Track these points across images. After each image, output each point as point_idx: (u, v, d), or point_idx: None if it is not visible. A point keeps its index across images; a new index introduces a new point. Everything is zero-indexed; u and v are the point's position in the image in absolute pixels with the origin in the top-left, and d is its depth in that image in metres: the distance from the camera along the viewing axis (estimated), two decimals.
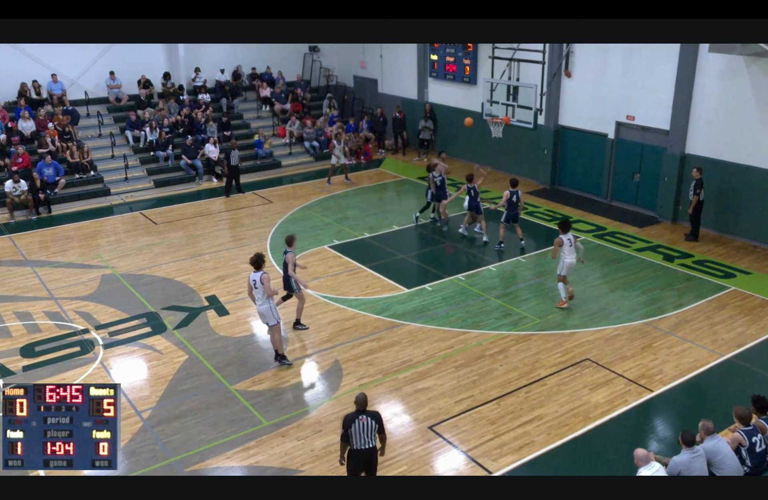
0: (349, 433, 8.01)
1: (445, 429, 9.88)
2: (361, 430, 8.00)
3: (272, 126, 24.54)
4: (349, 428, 8.01)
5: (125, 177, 21.05)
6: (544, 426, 9.89)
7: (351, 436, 8.01)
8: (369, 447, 8.08)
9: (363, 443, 8.04)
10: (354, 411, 8.12)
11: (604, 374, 11.12)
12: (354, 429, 7.99)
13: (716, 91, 16.15)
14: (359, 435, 8.00)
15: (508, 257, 15.77)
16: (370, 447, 8.09)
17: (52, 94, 22.22)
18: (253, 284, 11.01)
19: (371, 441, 8.08)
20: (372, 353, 11.80)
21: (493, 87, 17.45)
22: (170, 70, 24.36)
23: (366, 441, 8.05)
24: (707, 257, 15.57)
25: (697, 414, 10.15)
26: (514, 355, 11.71)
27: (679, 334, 12.33)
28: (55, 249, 16.67)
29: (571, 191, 20.23)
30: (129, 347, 12.14)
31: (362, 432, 8.01)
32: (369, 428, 8.01)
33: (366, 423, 7.99)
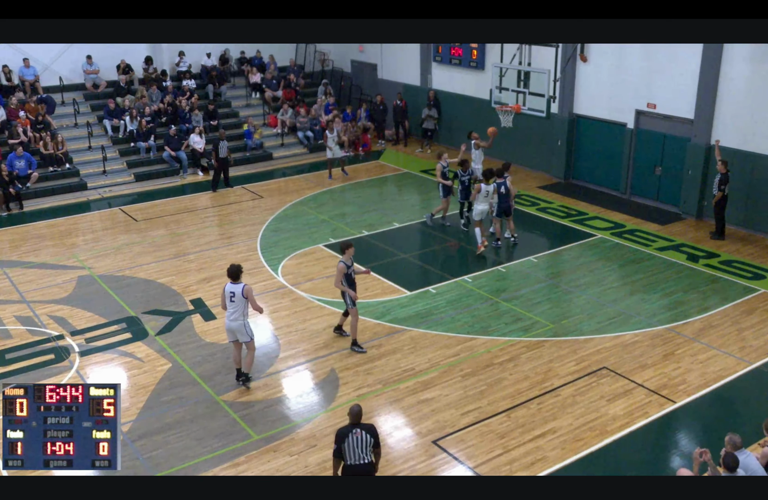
0: (343, 448, 8.00)
1: (450, 443, 9.88)
2: (356, 445, 7.98)
3: (263, 115, 24.56)
4: (342, 443, 7.99)
5: (103, 170, 21.06)
6: (558, 440, 9.89)
7: (344, 451, 8.00)
8: (364, 462, 8.05)
9: (357, 458, 8.01)
10: (348, 425, 8.12)
11: (622, 384, 11.13)
12: (347, 443, 7.98)
13: (744, 76, 16.14)
14: (353, 450, 7.99)
15: (518, 257, 15.78)
16: (365, 463, 8.06)
17: (24, 80, 22.24)
18: (230, 296, 10.65)
19: (366, 457, 8.05)
20: (371, 361, 11.80)
21: (502, 72, 17.45)
22: (152, 54, 24.37)
23: (360, 456, 8.01)
24: (735, 257, 15.58)
25: (724, 426, 10.14)
26: (525, 363, 11.71)
27: (704, 340, 12.33)
28: (27, 248, 16.68)
29: (587, 186, 20.24)
30: (107, 355, 12.14)
31: (356, 447, 7.99)
32: (364, 442, 7.99)
33: (360, 437, 7.98)
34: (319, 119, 24.26)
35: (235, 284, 10.66)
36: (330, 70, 27.34)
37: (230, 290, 10.66)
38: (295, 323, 13.03)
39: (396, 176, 21.79)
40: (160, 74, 24.12)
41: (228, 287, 10.70)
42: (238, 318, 10.71)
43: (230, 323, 10.78)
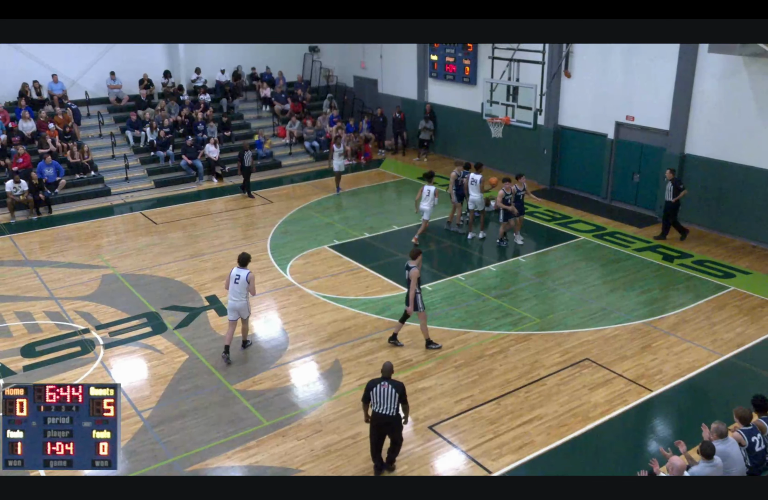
0: (370, 395, 8.59)
1: (445, 428, 9.88)
2: (381, 395, 8.52)
3: (272, 126, 24.55)
4: (370, 390, 8.59)
5: (126, 177, 21.05)
6: (544, 425, 9.89)
7: (372, 398, 8.60)
8: (389, 413, 8.56)
9: (383, 408, 8.55)
10: (379, 377, 8.67)
11: (603, 374, 11.12)
12: (374, 392, 8.56)
13: (716, 91, 16.15)
14: (379, 400, 8.55)
15: (508, 257, 15.77)
16: (390, 414, 8.56)
17: (53, 94, 22.21)
18: (235, 279, 11.13)
19: (392, 409, 8.54)
20: (372, 353, 11.80)
21: (492, 87, 17.45)
22: (170, 69, 24.35)
23: (386, 407, 8.53)
24: (706, 257, 15.57)
25: (697, 413, 10.17)
26: (513, 355, 11.70)
27: (679, 334, 12.32)
28: (56, 249, 16.67)
29: (571, 191, 20.23)
30: (129, 347, 12.14)
31: (381, 398, 8.52)
32: (389, 395, 8.49)
33: (386, 390, 8.50)
34: (325, 130, 24.26)
35: (241, 269, 11.17)
36: (334, 85, 27.35)
37: (236, 274, 11.16)
38: (302, 318, 13.03)
39: (395, 183, 21.78)
40: (177, 89, 24.11)
41: (235, 270, 11.17)
42: (241, 299, 11.23)
43: (234, 304, 11.28)
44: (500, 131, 17.46)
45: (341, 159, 20.41)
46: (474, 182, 16.33)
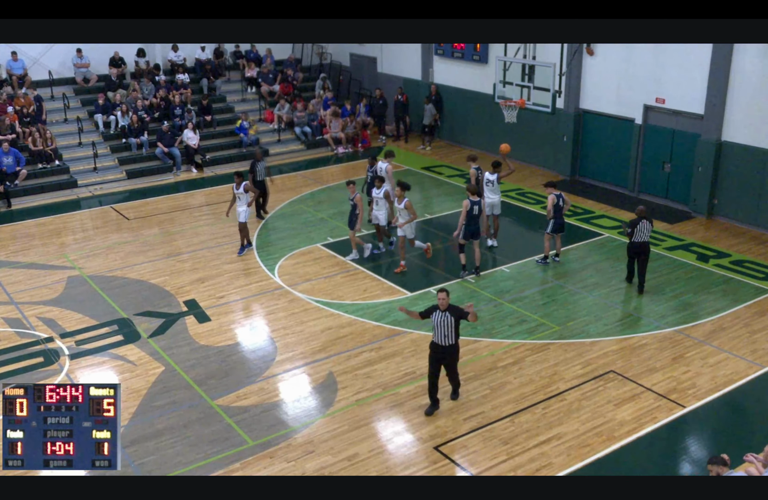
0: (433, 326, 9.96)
1: (452, 449, 9.89)
2: (440, 323, 9.83)
3: (259, 110, 24.57)
4: (431, 314, 9.94)
5: (94, 167, 21.07)
6: (564, 446, 9.90)
7: (434, 328, 9.94)
8: (447, 343, 9.91)
9: (442, 338, 9.89)
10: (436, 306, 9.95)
11: (630, 388, 11.14)
12: (434, 317, 9.88)
13: (757, 71, 16.15)
14: (438, 329, 9.87)
15: (522, 257, 15.76)
16: (447, 345, 9.92)
17: (12, 74, 22.23)
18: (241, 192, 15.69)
19: (450, 339, 9.87)
20: (370, 365, 11.81)
21: (506, 66, 17.48)
22: (145, 47, 24.36)
23: (445, 336, 9.86)
24: (746, 257, 15.59)
25: (735, 432, 10.18)
26: (529, 367, 11.71)
27: (715, 343, 12.34)
28: (15, 248, 16.68)
29: (594, 183, 20.26)
30: (98, 358, 12.14)
31: (440, 326, 9.84)
32: (448, 324, 9.80)
33: (447, 319, 9.79)
34: (318, 114, 24.27)
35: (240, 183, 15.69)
36: (328, 64, 27.36)
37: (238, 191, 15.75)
38: (292, 325, 13.04)
39: (397, 174, 21.72)
40: (152, 68, 24.11)
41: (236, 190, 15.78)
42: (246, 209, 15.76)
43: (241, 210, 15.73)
44: (514, 116, 17.48)
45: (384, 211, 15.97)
46: (490, 183, 15.80)
